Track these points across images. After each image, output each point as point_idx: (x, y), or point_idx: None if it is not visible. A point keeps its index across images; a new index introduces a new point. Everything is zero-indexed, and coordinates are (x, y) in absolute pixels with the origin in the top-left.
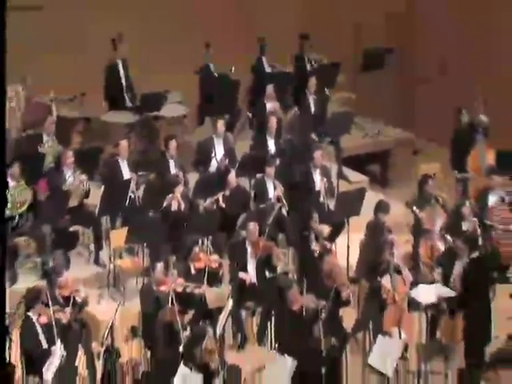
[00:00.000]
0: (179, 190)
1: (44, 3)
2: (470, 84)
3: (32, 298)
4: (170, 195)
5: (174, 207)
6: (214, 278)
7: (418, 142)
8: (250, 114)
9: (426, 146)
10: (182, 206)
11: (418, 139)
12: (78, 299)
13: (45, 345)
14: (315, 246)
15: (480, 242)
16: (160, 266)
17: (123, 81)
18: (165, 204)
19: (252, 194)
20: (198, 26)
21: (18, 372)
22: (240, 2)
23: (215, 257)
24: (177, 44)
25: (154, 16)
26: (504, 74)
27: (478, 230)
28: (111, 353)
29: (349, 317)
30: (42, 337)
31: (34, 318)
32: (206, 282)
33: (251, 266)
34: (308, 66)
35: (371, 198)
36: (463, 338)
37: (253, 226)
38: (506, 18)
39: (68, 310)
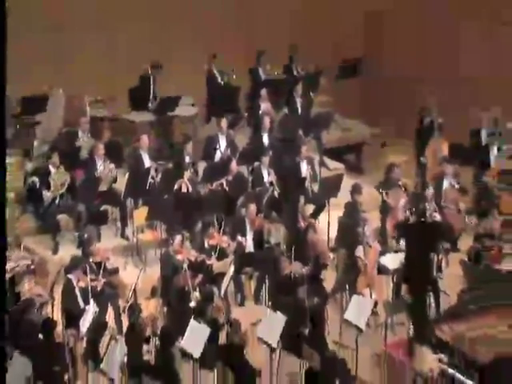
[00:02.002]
0: (187, 175)
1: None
2: (429, 86)
3: (71, 265)
4: (180, 179)
5: (184, 189)
6: (222, 254)
7: (385, 136)
8: (248, 114)
9: (393, 140)
10: (190, 189)
11: (386, 134)
12: (109, 266)
13: (81, 305)
14: (302, 223)
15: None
16: (178, 238)
17: (151, 89)
18: (176, 187)
19: (250, 180)
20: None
21: (59, 327)
22: (239, 15)
23: (225, 238)
24: (184, 51)
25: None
26: (457, 79)
27: (437, 210)
28: (134, 309)
29: (329, 279)
30: (79, 298)
31: (74, 282)
32: (216, 256)
33: (249, 237)
34: (295, 73)
35: (347, 182)
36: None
37: (252, 207)
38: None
39: (101, 277)
